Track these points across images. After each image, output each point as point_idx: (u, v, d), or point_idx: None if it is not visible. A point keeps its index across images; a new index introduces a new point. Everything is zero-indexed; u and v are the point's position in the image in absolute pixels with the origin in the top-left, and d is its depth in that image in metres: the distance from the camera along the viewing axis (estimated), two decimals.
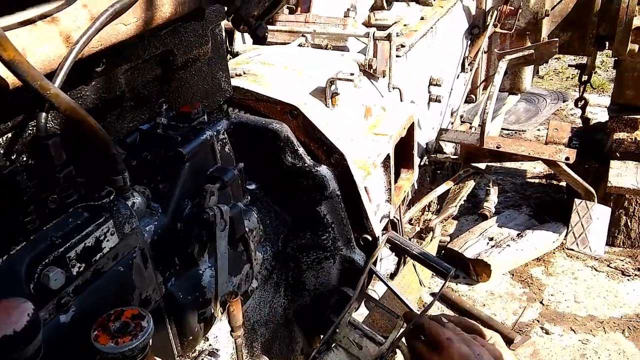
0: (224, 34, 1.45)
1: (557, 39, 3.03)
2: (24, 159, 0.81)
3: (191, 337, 1.05)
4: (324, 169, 1.61)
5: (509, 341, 3.25)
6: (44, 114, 0.79)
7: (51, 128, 0.82)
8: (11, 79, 0.77)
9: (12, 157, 0.78)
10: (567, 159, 2.56)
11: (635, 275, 3.76)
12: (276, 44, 2.30)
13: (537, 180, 4.84)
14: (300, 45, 2.23)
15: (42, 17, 0.82)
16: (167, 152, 0.99)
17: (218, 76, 1.50)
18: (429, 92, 2.82)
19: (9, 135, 0.80)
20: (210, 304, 1.05)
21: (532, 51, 2.87)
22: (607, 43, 3.47)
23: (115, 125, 1.14)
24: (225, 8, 1.32)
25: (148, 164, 1.01)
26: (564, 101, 6.24)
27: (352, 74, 1.80)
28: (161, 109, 1.11)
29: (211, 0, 1.15)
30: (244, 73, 1.95)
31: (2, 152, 0.74)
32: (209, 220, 0.96)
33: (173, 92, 1.32)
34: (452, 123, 3.26)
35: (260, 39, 1.20)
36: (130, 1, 0.90)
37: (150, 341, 0.76)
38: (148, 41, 1.15)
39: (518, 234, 3.84)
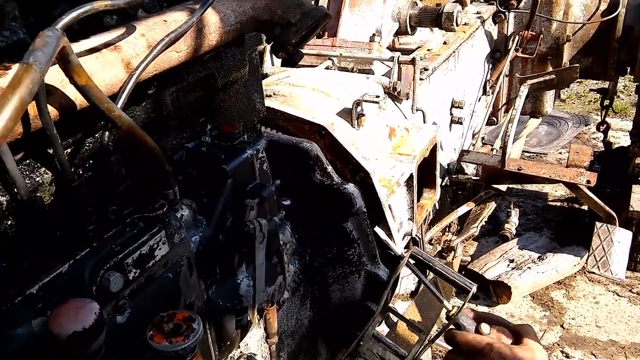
0: (259, 58, 1.54)
1: (577, 65, 3.08)
2: (87, 173, 0.89)
3: (229, 342, 1.12)
4: (351, 187, 1.68)
5: None
6: (107, 133, 0.88)
7: (111, 146, 0.91)
8: (79, 101, 0.86)
9: (76, 171, 0.86)
10: (588, 182, 2.59)
11: None
12: (304, 66, 2.39)
13: (558, 203, 4.84)
14: (327, 68, 2.32)
15: (106, 45, 0.91)
16: (212, 168, 1.07)
17: (253, 97, 1.58)
18: (451, 114, 2.89)
19: (76, 151, 0.89)
20: (247, 311, 1.12)
21: (553, 76, 2.93)
22: (628, 68, 3.52)
23: (161, 143, 1.23)
24: (264, 36, 1.41)
25: (193, 179, 1.09)
26: (585, 125, 6.24)
27: (377, 96, 1.88)
28: (204, 128, 1.20)
29: (252, 28, 1.24)
30: (274, 94, 2.04)
31: (71, 167, 0.83)
32: (249, 233, 1.04)
33: (213, 112, 1.40)
34: (474, 145, 3.31)
35: (295, 64, 1.28)
36: (183, 31, 0.99)
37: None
38: (193, 65, 1.24)
39: (539, 257, 3.85)
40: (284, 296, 1.31)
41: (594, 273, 3.07)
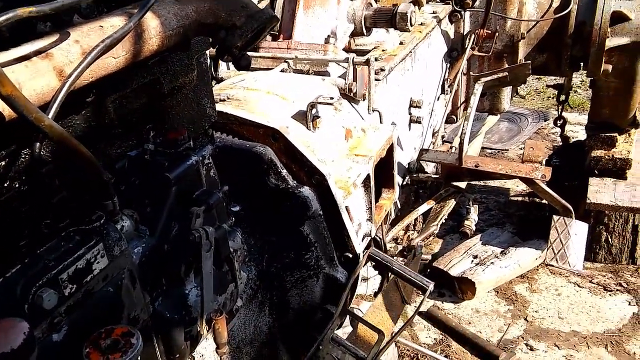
0: (208, 62, 1.52)
1: (529, 62, 3.14)
2: (19, 186, 0.85)
3: (178, 355, 1.09)
4: (306, 190, 1.67)
5: (494, 358, 3.29)
6: (38, 144, 0.84)
7: (44, 156, 0.87)
8: (7, 112, 0.82)
9: (8, 184, 0.82)
10: (544, 176, 2.65)
11: (617, 290, 3.83)
12: (259, 69, 2.37)
13: (519, 199, 4.92)
14: (282, 70, 2.30)
15: (37, 53, 0.88)
16: (155, 177, 1.04)
17: (203, 102, 1.56)
18: (410, 113, 2.90)
19: (4, 163, 0.85)
20: (196, 322, 1.10)
21: (506, 73, 2.98)
22: (581, 64, 3.60)
23: (105, 152, 1.19)
24: (210, 39, 1.39)
25: (136, 189, 1.06)
26: (545, 120, 6.38)
27: (331, 98, 1.87)
28: (148, 135, 1.17)
29: (197, 32, 1.22)
30: (228, 98, 2.01)
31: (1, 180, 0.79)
32: (195, 242, 1.01)
33: (160, 118, 1.37)
34: (434, 143, 3.34)
35: (243, 68, 1.26)
36: (119, 36, 0.97)
37: (139, 358, 0.81)
38: (136, 71, 1.21)
39: (502, 252, 3.90)
40: (238, 304, 1.29)
41: (552, 266, 3.13)
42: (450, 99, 3.46)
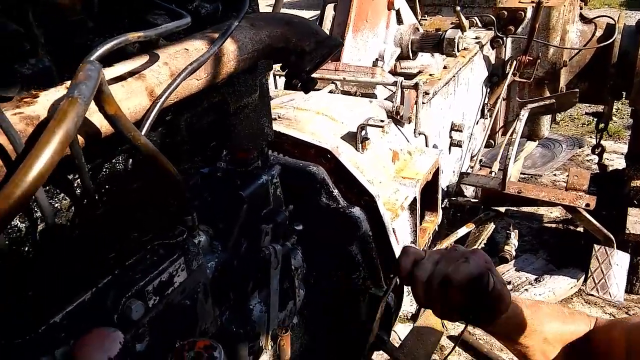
0: (269, 83, 1.57)
1: (577, 90, 3.13)
2: (110, 200, 0.90)
3: None
4: (357, 211, 1.69)
5: None
6: (131, 160, 0.89)
7: (135, 173, 0.91)
8: (104, 129, 0.87)
9: (102, 199, 0.86)
10: (588, 205, 2.63)
11: None
12: None
13: (553, 225, 4.87)
14: (330, 91, 2.34)
15: (131, 74, 0.93)
16: (228, 194, 1.08)
17: (262, 122, 1.60)
18: (451, 137, 2.92)
19: (99, 179, 0.90)
20: (259, 337, 1.12)
21: (553, 101, 2.97)
22: (624, 93, 3.57)
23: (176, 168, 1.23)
24: (271, 61, 1.44)
25: (208, 205, 1.10)
26: (579, 147, 6.31)
27: (382, 121, 1.90)
28: (218, 153, 1.21)
29: (268, 56, 1.26)
30: (279, 117, 2.06)
31: (96, 195, 0.83)
32: (264, 259, 1.04)
33: (224, 137, 1.42)
34: (472, 167, 3.34)
35: (309, 91, 1.30)
36: (204, 60, 1.01)
37: None
38: (208, 91, 1.25)
39: (536, 279, 3.86)
40: (294, 321, 1.31)
41: (592, 295, 3.08)
42: (490, 124, 3.46)
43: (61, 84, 0.86)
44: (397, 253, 1.89)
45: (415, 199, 1.95)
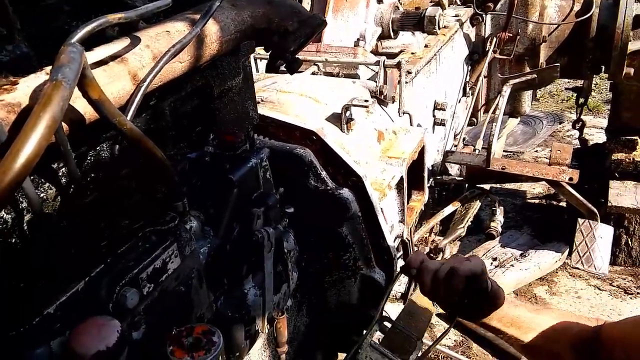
0: (252, 65, 1.54)
1: (558, 64, 3.15)
2: (99, 188, 0.87)
3: (237, 354, 1.11)
4: (346, 192, 1.69)
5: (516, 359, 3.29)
6: (117, 147, 0.87)
7: (121, 159, 0.89)
8: (89, 115, 0.84)
9: (90, 187, 0.84)
10: (571, 179, 2.66)
11: (638, 293, 3.83)
12: None
13: (537, 201, 4.93)
14: (313, 73, 2.32)
15: (113, 57, 0.90)
16: (217, 178, 1.06)
17: (247, 105, 1.58)
18: (434, 115, 2.92)
19: (85, 166, 0.87)
20: (254, 321, 1.12)
21: (534, 76, 2.99)
22: (602, 67, 3.60)
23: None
24: (253, 43, 1.41)
25: (198, 190, 1.08)
26: (560, 123, 6.37)
27: (366, 100, 1.89)
28: (205, 137, 1.19)
29: (251, 37, 1.24)
30: (262, 100, 2.03)
31: (83, 183, 0.81)
32: (257, 242, 1.03)
33: (209, 121, 1.40)
34: (456, 146, 3.35)
35: (294, 72, 1.28)
36: (187, 41, 0.99)
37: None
38: (191, 75, 1.23)
39: (521, 254, 3.91)
40: (288, 303, 1.31)
41: (578, 269, 3.14)
42: (472, 102, 3.47)
43: (40, 70, 0.83)
44: (386, 232, 1.89)
45: (402, 178, 1.95)
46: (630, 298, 3.79)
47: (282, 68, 1.38)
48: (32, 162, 0.53)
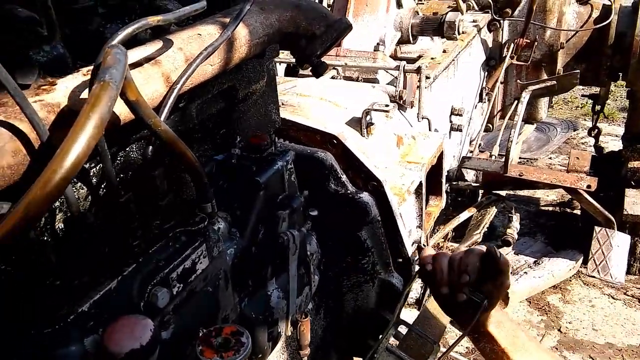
0: (276, 69, 1.55)
1: (578, 71, 3.14)
2: (133, 188, 0.88)
3: (260, 355, 1.12)
4: (366, 196, 1.69)
5: None
6: (150, 148, 0.88)
7: (155, 160, 0.90)
8: (124, 116, 0.85)
9: (124, 187, 0.85)
10: (589, 187, 2.64)
11: None
12: (309, 76, 2.40)
13: (550, 208, 4.90)
14: (332, 77, 2.33)
15: (147, 59, 0.91)
16: (244, 180, 1.07)
17: (269, 108, 1.59)
18: (451, 121, 2.91)
19: (119, 166, 0.89)
20: (277, 323, 1.12)
21: (554, 82, 2.98)
22: (620, 74, 3.59)
23: None
24: (277, 46, 1.42)
25: (224, 192, 1.09)
26: (574, 130, 6.33)
27: (386, 105, 1.89)
28: (232, 140, 1.20)
29: (278, 40, 1.25)
30: (282, 104, 2.04)
31: (117, 184, 0.82)
32: (283, 245, 1.04)
33: (233, 123, 1.41)
34: (472, 152, 3.35)
35: (320, 75, 1.29)
36: (218, 44, 1.00)
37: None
38: (219, 77, 1.24)
39: (535, 261, 3.89)
40: (309, 306, 1.31)
41: (594, 277, 3.12)
42: (488, 108, 3.46)
43: (77, 71, 0.84)
44: (405, 237, 1.89)
45: (421, 183, 1.95)
46: None
47: (307, 72, 1.39)
48: (81, 162, 0.54)
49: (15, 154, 0.68)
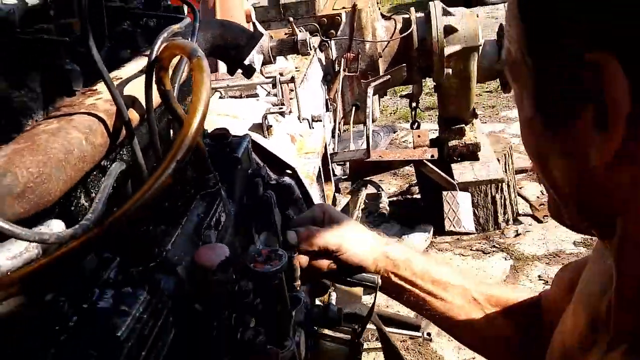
0: None
1: (404, 65, 3.80)
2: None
3: None
4: (288, 179, 2.00)
5: (417, 327, 3.78)
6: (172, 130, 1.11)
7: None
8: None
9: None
10: (432, 156, 3.25)
11: (493, 251, 4.62)
12: None
13: (394, 199, 5.64)
14: (220, 97, 2.62)
15: None
16: (226, 158, 1.33)
17: None
18: (313, 127, 3.35)
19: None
20: None
21: (389, 77, 3.58)
22: (428, 72, 4.38)
23: None
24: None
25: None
26: (394, 132, 7.27)
27: (280, 107, 2.25)
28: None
29: (212, 53, 1.53)
30: None
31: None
32: (268, 201, 1.32)
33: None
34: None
35: (250, 76, 1.60)
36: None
37: None
38: None
39: (397, 241, 4.51)
40: None
41: (452, 231, 3.76)
42: (335, 117, 3.99)
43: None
44: None
45: (320, 169, 2.33)
46: (489, 256, 4.57)
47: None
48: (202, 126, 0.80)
49: (102, 135, 0.89)
